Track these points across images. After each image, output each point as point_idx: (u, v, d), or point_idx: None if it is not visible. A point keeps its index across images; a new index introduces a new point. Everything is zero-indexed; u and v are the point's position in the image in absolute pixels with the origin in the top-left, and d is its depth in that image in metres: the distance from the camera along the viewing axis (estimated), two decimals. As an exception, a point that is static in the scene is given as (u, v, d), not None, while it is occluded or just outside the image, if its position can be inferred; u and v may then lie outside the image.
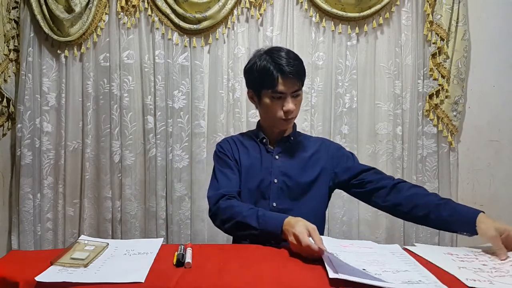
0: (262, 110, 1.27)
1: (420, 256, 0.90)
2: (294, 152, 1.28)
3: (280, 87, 1.17)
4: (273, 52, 1.20)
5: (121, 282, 0.76)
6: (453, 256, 0.90)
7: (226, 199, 1.16)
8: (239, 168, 1.27)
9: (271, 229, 1.00)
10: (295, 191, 1.23)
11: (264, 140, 1.29)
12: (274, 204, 1.23)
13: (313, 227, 0.93)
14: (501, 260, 0.85)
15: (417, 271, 0.81)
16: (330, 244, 0.91)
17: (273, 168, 1.25)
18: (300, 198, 1.23)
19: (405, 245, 1.08)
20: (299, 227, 0.93)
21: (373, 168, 1.26)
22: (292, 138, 1.29)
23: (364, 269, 0.79)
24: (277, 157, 1.26)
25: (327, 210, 1.32)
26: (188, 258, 0.86)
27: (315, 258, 0.86)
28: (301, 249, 0.89)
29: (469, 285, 0.73)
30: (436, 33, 2.00)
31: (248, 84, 1.28)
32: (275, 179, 1.24)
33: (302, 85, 1.23)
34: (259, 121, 1.34)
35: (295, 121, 1.32)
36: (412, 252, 0.94)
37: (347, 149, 2.01)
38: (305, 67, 2.07)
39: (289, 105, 1.18)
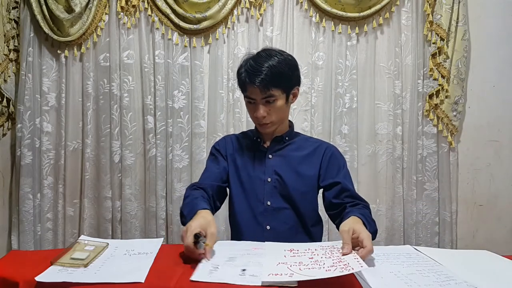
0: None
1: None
2: (287, 152, 1.28)
3: (248, 93, 1.18)
4: (254, 56, 1.19)
5: (121, 282, 0.76)
6: (293, 251, 0.92)
7: (193, 189, 1.20)
8: (227, 164, 1.29)
9: (190, 218, 1.00)
10: (288, 190, 1.24)
11: (259, 140, 1.30)
12: (269, 203, 1.23)
13: (211, 232, 0.92)
14: (343, 253, 0.86)
15: (443, 272, 0.82)
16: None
17: (266, 167, 1.26)
18: (293, 197, 1.24)
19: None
20: (193, 222, 0.93)
21: (350, 190, 1.21)
22: (287, 138, 1.29)
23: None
24: (270, 156, 1.27)
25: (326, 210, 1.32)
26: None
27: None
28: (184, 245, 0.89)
29: (262, 280, 0.75)
30: (436, 33, 2.00)
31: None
32: (268, 178, 1.25)
33: (283, 88, 1.19)
34: None
35: (292, 121, 1.33)
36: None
37: (347, 149, 2.05)
38: (305, 67, 2.07)
39: (258, 112, 1.18)
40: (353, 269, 0.74)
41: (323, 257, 0.85)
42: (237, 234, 1.27)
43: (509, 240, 2.11)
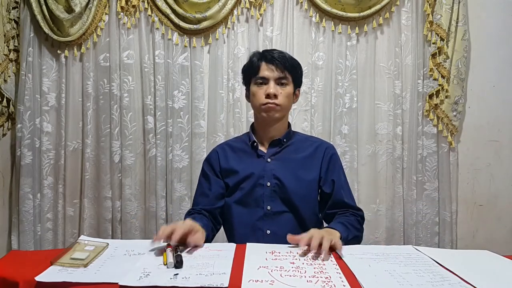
0: (251, 103, 1.30)
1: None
2: (286, 155, 1.28)
3: (262, 72, 1.23)
4: (266, 49, 1.30)
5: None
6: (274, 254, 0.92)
7: (189, 214, 1.23)
8: (222, 178, 1.29)
9: None
10: (288, 194, 1.23)
11: (255, 144, 1.29)
12: (269, 207, 1.23)
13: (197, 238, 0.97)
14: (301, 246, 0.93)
15: (438, 273, 0.82)
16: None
17: (265, 172, 1.25)
18: (293, 200, 1.23)
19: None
20: (187, 221, 0.99)
21: (344, 202, 1.24)
22: (284, 140, 1.29)
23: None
24: (269, 160, 1.27)
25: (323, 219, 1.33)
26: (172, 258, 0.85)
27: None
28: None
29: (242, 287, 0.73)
30: (436, 33, 2.00)
31: (243, 81, 1.33)
32: (268, 182, 1.24)
33: (293, 77, 1.26)
34: (252, 123, 1.34)
35: (293, 121, 1.33)
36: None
37: (347, 149, 2.05)
38: (305, 67, 2.08)
39: (270, 89, 1.21)
40: (335, 286, 0.74)
41: (304, 263, 0.86)
42: (234, 239, 1.26)
43: (509, 240, 2.11)
